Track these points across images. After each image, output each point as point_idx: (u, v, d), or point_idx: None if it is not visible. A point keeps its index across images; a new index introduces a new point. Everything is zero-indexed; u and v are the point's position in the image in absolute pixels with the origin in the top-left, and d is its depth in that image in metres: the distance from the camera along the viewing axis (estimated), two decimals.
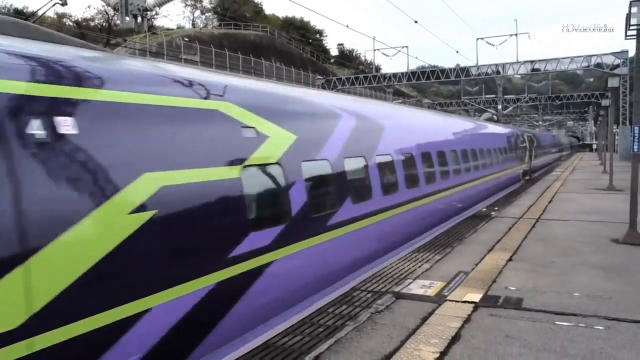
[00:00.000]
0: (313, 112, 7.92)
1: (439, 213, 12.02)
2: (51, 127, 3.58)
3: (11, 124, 3.35)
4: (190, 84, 5.40)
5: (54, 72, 3.91)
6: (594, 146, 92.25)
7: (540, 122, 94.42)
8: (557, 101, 78.95)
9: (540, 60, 46.12)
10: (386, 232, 8.88)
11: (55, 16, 59.23)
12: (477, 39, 49.25)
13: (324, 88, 45.99)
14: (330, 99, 9.51)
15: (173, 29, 65.01)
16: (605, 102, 28.63)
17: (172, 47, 46.04)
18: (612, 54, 42.42)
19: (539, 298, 6.13)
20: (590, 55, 43.47)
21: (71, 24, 62.05)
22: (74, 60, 4.29)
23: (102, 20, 64.52)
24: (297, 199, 6.27)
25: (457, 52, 50.66)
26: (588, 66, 44.31)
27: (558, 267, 7.61)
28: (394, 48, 49.80)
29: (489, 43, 47.94)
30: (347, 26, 30.57)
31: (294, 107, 7.47)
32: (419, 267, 7.76)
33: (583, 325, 5.23)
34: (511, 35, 47.48)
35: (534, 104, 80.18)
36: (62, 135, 3.63)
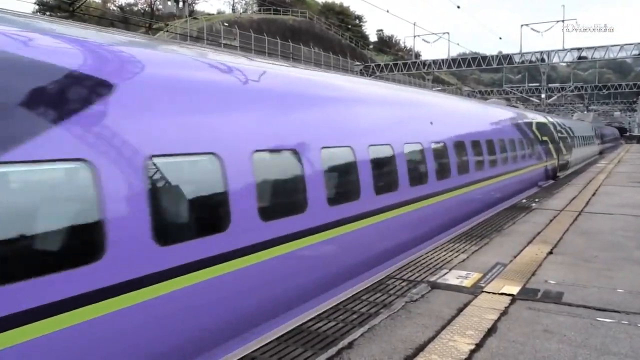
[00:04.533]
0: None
1: None
2: None
3: None
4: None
5: None
6: None
7: (585, 112, 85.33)
8: (604, 90, 76.03)
9: (587, 48, 44.41)
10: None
11: (100, 0, 60.48)
12: (522, 25, 47.89)
13: (362, 74, 45.63)
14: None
15: (213, 14, 65.52)
16: None
17: (212, 32, 46.41)
18: None
19: (579, 293, 5.96)
20: None
21: (115, 8, 63.27)
22: None
23: (144, 5, 65.56)
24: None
25: (500, 38, 49.70)
26: (639, 54, 42.47)
27: (600, 261, 7.38)
28: (435, 34, 48.89)
29: (533, 29, 46.50)
30: (388, 11, 30.12)
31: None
32: (455, 257, 7.65)
33: (626, 322, 5.06)
34: (557, 21, 45.94)
35: (579, 93, 77.33)
36: None
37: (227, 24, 50.99)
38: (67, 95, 3.76)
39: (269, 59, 8.36)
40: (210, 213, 4.89)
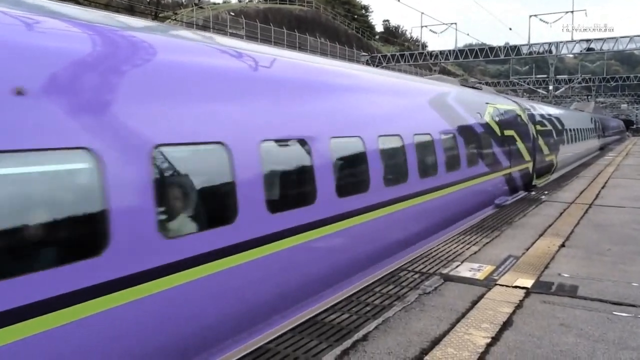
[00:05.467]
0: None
1: None
2: None
3: None
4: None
5: None
6: None
7: (585, 101, 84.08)
8: (611, 82, 75.43)
9: (596, 39, 44.00)
10: None
11: None
12: (530, 16, 47.40)
13: (368, 65, 45.36)
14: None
15: (219, 4, 65.18)
16: None
17: (219, 21, 46.21)
18: None
19: (594, 286, 5.90)
20: None
21: None
22: None
23: None
24: None
25: (510, 29, 49.01)
26: None
27: (614, 255, 7.31)
28: (444, 24, 48.44)
29: (542, 20, 46.03)
30: (399, 0, 29.76)
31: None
32: (467, 249, 7.60)
33: None
34: (567, 12, 45.45)
35: (587, 85, 76.73)
36: None
37: (233, 14, 50.76)
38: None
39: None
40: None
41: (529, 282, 6.02)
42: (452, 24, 47.39)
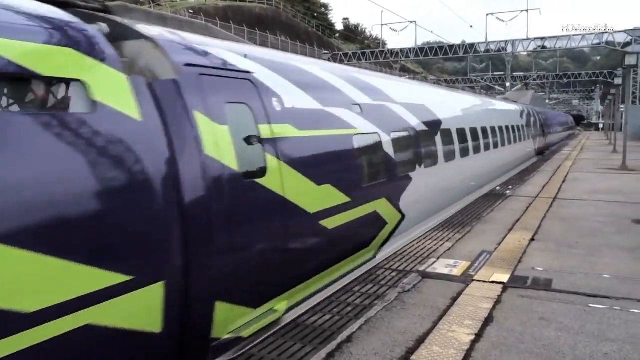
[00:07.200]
0: None
1: None
2: None
3: None
4: None
5: None
6: (600, 125, 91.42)
7: (547, 101, 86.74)
8: (564, 79, 78.05)
9: (550, 37, 45.39)
10: None
11: None
12: (487, 14, 48.47)
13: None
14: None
15: (177, 1, 63.96)
16: (618, 81, 28.15)
17: None
18: (625, 31, 41.73)
19: (568, 279, 6.00)
20: (602, 33, 42.77)
21: None
22: None
23: None
24: None
25: (471, 26, 49.93)
26: (599, 43, 43.62)
27: (582, 247, 7.47)
28: (403, 21, 49.01)
29: (499, 19, 47.20)
30: None
31: None
32: (441, 245, 7.63)
33: (618, 308, 5.11)
34: (522, 11, 46.69)
35: (541, 82, 79.12)
36: None
37: (192, 11, 49.94)
38: None
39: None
40: None
41: (504, 277, 6.08)
42: (411, 21, 47.95)
